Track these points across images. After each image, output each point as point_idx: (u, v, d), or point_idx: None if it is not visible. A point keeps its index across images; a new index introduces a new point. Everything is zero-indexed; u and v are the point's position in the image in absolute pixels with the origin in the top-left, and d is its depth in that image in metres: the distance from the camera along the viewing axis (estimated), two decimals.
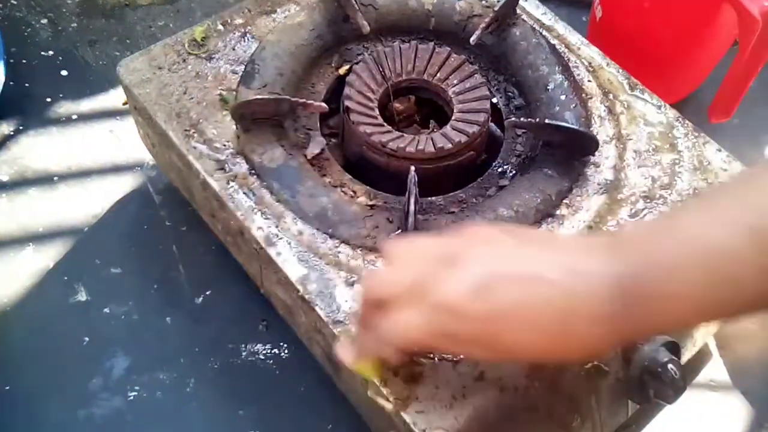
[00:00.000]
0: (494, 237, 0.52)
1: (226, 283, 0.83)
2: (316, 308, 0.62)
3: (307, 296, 0.62)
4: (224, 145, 0.71)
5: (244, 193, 0.68)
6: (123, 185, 0.90)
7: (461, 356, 0.58)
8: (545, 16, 0.84)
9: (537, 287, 0.48)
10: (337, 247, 0.65)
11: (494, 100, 0.78)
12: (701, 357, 0.81)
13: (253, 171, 0.70)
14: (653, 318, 0.47)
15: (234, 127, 0.72)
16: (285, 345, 0.79)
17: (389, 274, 0.54)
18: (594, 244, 0.51)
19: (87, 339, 0.79)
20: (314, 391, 0.77)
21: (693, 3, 0.88)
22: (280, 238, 0.66)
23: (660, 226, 0.51)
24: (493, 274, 0.49)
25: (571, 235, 0.68)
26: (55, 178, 0.90)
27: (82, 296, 0.81)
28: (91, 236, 0.86)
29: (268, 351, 0.79)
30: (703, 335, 0.75)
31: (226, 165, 0.70)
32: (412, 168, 0.67)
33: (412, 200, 0.64)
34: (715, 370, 0.82)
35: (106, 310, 0.81)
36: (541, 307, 0.48)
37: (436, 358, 0.59)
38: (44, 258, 0.84)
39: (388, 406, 0.58)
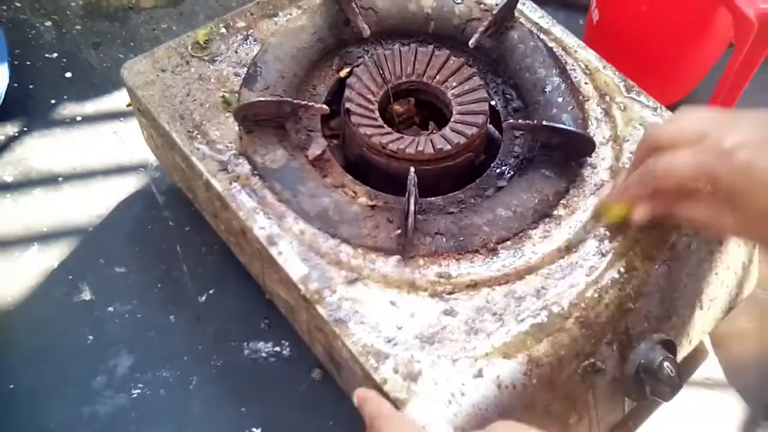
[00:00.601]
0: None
1: (228, 282, 0.83)
2: (318, 307, 0.62)
3: (308, 295, 0.63)
4: (227, 147, 0.72)
5: (247, 193, 0.69)
6: (127, 186, 0.91)
7: (706, 224, 0.59)
8: (543, 19, 0.85)
9: None
10: (338, 246, 0.66)
11: (492, 103, 0.79)
12: (697, 355, 0.82)
13: (255, 172, 0.70)
14: None
15: (236, 128, 0.73)
16: (287, 343, 0.80)
17: (678, 122, 0.59)
18: None
19: (91, 337, 0.79)
20: (315, 389, 0.77)
21: (689, 6, 0.88)
22: (282, 238, 0.66)
23: None
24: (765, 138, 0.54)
25: None
26: (60, 179, 0.91)
27: (87, 295, 0.82)
28: (96, 236, 0.87)
29: (270, 349, 0.80)
30: (699, 333, 0.76)
31: (229, 166, 0.71)
32: (412, 169, 0.68)
33: (412, 200, 0.65)
34: (710, 368, 0.82)
35: (110, 308, 0.81)
36: None
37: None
38: (49, 257, 0.85)
39: None
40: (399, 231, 0.67)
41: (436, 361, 0.60)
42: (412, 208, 0.64)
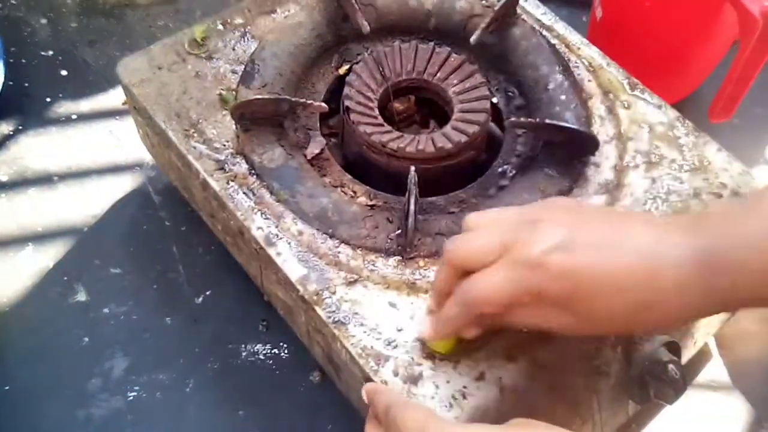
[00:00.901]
0: (574, 206, 0.54)
1: (225, 283, 0.83)
2: (317, 308, 0.62)
3: (307, 296, 0.62)
4: (224, 145, 0.71)
5: (244, 193, 0.68)
6: (122, 185, 0.90)
7: (544, 327, 0.54)
8: (545, 16, 0.84)
9: (620, 250, 0.48)
10: (337, 247, 0.65)
11: (494, 100, 0.78)
12: (701, 357, 0.81)
13: (252, 171, 0.70)
14: (737, 292, 0.47)
15: (234, 127, 0.72)
16: (285, 345, 0.79)
17: (475, 239, 0.54)
18: (675, 221, 0.52)
19: (86, 339, 0.79)
20: (314, 392, 0.77)
21: (694, 3, 0.87)
22: (280, 238, 0.65)
23: (742, 207, 0.52)
24: (573, 235, 0.49)
25: (650, 214, 0.67)
26: (55, 178, 0.90)
27: (82, 296, 0.81)
28: (91, 236, 0.86)
29: (268, 351, 0.79)
30: (704, 335, 0.75)
31: (226, 165, 0.70)
32: (412, 168, 0.67)
33: (413, 200, 0.64)
34: (715, 370, 0.81)
35: (106, 310, 0.81)
36: (624, 269, 0.48)
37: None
38: (44, 258, 0.84)
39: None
40: (399, 231, 0.66)
41: (437, 363, 0.59)
42: (412, 207, 0.64)
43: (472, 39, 0.79)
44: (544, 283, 0.49)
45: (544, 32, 0.81)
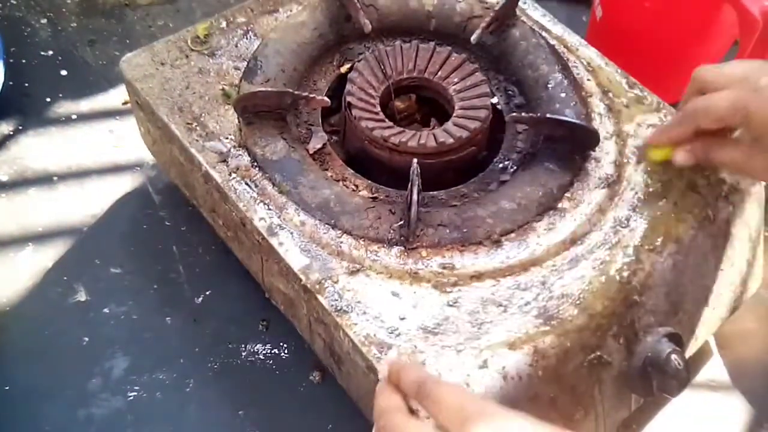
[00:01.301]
0: None
1: (225, 283, 0.83)
2: (319, 297, 0.62)
3: (309, 285, 0.62)
4: (226, 139, 0.72)
5: (247, 184, 0.68)
6: (123, 185, 0.90)
7: (740, 166, 0.64)
8: (544, 17, 0.84)
9: None
10: (339, 237, 0.65)
11: (494, 100, 0.78)
12: (701, 356, 0.81)
13: (255, 163, 0.70)
14: None
15: (236, 121, 0.73)
16: (285, 345, 0.79)
17: (725, 67, 0.64)
18: None
19: (87, 339, 0.78)
20: (314, 391, 0.76)
21: (694, 3, 0.88)
22: (283, 229, 0.66)
23: None
24: None
25: None
26: (55, 178, 0.90)
27: (82, 296, 0.81)
28: (91, 236, 0.86)
29: (268, 351, 0.78)
30: (705, 332, 0.75)
31: (228, 157, 0.70)
32: (415, 160, 0.67)
33: (415, 190, 0.64)
34: (715, 369, 0.81)
35: (106, 310, 0.80)
36: None
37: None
38: (44, 258, 0.84)
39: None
40: (401, 222, 0.66)
41: (440, 351, 0.59)
42: (415, 197, 0.64)
43: (473, 39, 0.80)
44: (757, 108, 0.58)
45: (543, 33, 0.81)
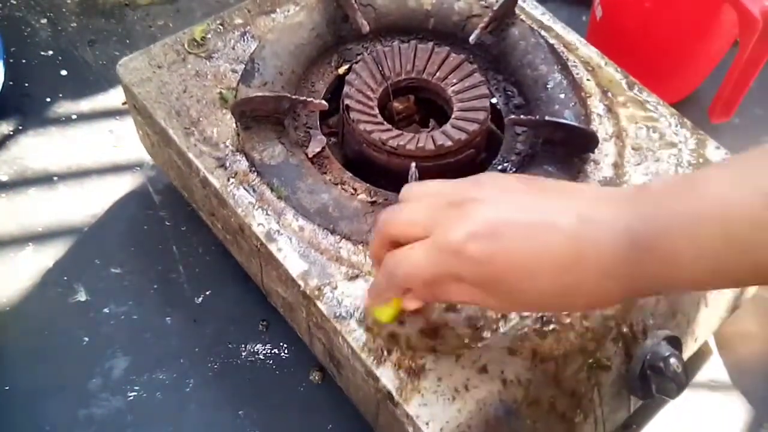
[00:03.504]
0: (508, 183, 0.52)
1: (225, 283, 0.82)
2: (318, 303, 0.62)
3: (308, 291, 0.62)
4: (224, 143, 0.71)
5: (245, 189, 0.68)
6: (123, 185, 0.90)
7: (473, 303, 0.56)
8: (544, 16, 0.84)
9: (543, 232, 0.48)
10: (338, 242, 0.65)
11: (494, 100, 0.78)
12: (701, 357, 0.81)
13: (253, 168, 0.70)
14: (663, 274, 0.46)
15: (234, 125, 0.72)
16: (285, 345, 0.79)
17: (403, 212, 0.53)
18: (611, 195, 0.50)
19: (87, 339, 0.78)
20: (314, 392, 0.76)
21: (694, 3, 0.88)
22: (281, 234, 0.66)
23: (680, 182, 0.50)
24: (498, 217, 0.48)
25: (589, 185, 0.67)
26: (55, 178, 0.90)
27: (82, 296, 0.81)
28: (91, 236, 0.86)
29: (268, 351, 0.78)
30: (704, 333, 0.75)
31: (226, 162, 0.70)
32: (413, 163, 0.67)
33: None
34: (715, 369, 0.81)
35: (106, 310, 0.80)
36: (547, 252, 0.47)
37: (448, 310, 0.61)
38: (44, 258, 0.84)
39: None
40: None
41: (440, 356, 0.59)
42: None
43: (471, 39, 0.79)
44: (464, 269, 0.49)
45: (543, 32, 0.81)
